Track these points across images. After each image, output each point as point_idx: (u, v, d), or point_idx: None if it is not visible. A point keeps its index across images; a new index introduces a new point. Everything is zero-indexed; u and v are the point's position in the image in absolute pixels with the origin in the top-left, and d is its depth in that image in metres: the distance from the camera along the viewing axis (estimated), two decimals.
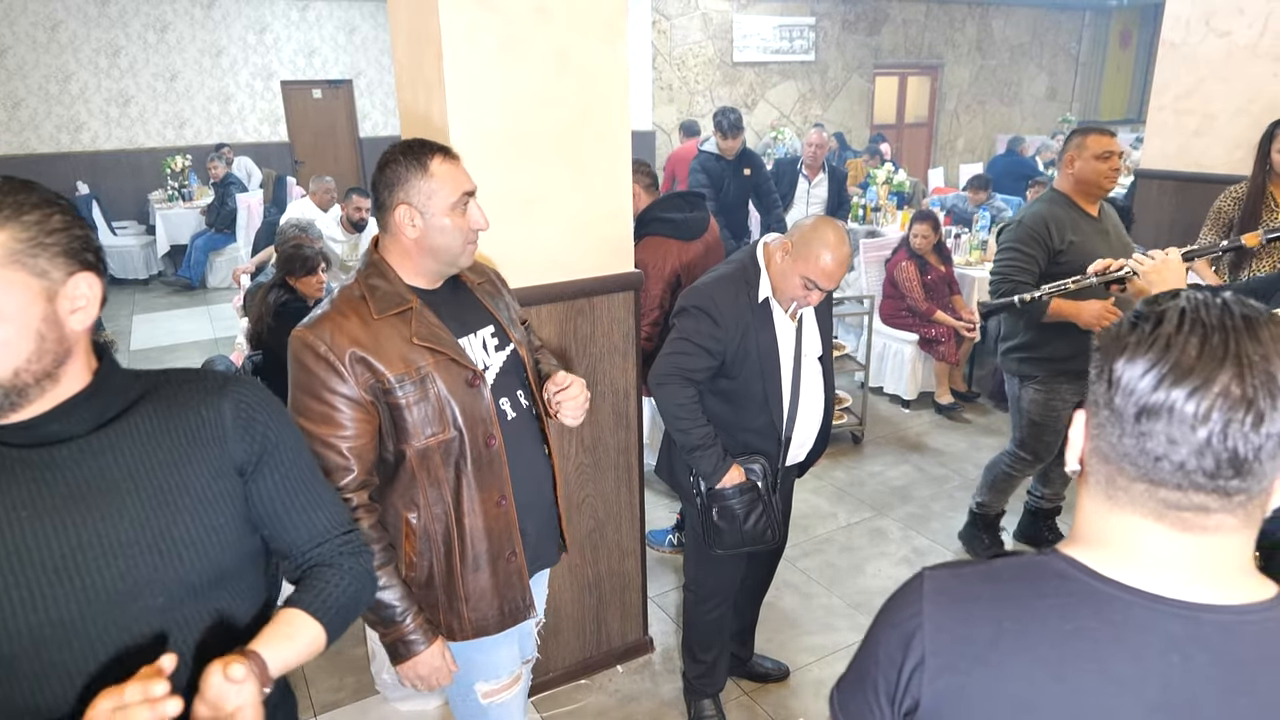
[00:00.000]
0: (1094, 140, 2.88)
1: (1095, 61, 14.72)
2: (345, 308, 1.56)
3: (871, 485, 4.19)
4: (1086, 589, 0.77)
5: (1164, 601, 0.75)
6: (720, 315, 2.19)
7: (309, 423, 1.52)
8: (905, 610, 0.84)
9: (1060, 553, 0.81)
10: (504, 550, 1.71)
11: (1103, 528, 0.79)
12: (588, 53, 2.31)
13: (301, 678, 2.88)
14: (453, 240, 1.59)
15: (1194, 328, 0.72)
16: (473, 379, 1.63)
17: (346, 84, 10.68)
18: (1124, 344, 0.74)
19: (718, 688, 2.65)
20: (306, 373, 1.52)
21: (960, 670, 0.78)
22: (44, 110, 8.98)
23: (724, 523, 2.32)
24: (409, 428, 1.57)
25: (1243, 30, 4.03)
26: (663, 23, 10.75)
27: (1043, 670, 0.76)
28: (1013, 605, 0.79)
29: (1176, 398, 0.70)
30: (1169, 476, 0.72)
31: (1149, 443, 0.72)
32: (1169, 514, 0.74)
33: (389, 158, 1.58)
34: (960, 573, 0.84)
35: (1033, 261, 2.88)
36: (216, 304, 7.85)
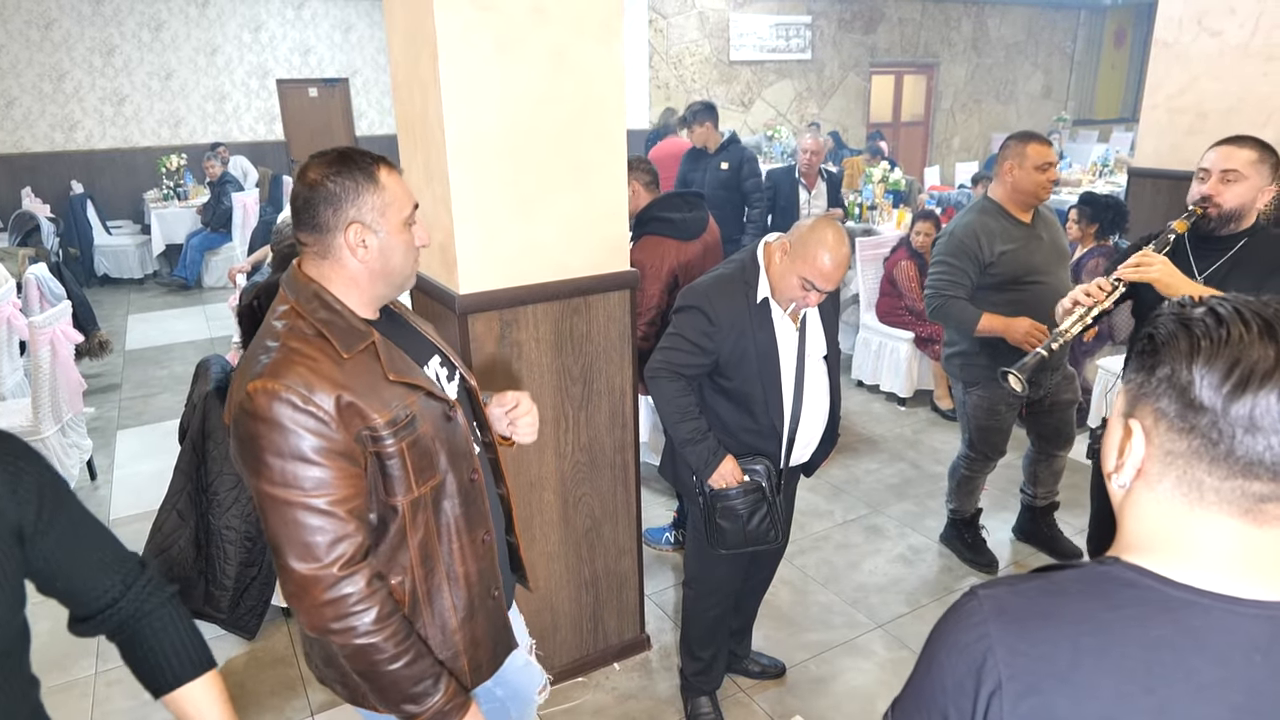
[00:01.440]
0: (1034, 150, 2.87)
1: (1090, 60, 14.75)
2: (307, 349, 1.31)
3: (868, 483, 4.20)
4: (1161, 597, 0.77)
5: (1241, 603, 0.75)
6: (715, 314, 2.19)
7: (292, 490, 1.27)
8: (969, 633, 0.81)
9: (1123, 561, 0.81)
10: (490, 589, 1.59)
11: (1173, 529, 0.79)
12: (584, 52, 2.31)
13: (299, 677, 2.89)
14: (405, 260, 1.40)
15: (1264, 327, 0.74)
16: (450, 411, 1.47)
17: (342, 83, 10.66)
18: (1193, 349, 0.76)
19: (715, 685, 2.66)
20: (282, 432, 1.26)
21: (1044, 691, 0.76)
22: (38, 109, 8.95)
23: (727, 522, 2.33)
24: (398, 478, 1.38)
25: (1234, 30, 4.05)
26: (659, 21, 10.75)
27: (1130, 684, 0.75)
28: (1087, 620, 0.77)
29: (1269, 398, 0.73)
30: (1264, 470, 0.74)
31: (1247, 442, 0.74)
32: (1255, 508, 0.75)
33: (324, 171, 1.34)
34: (1019, 589, 0.82)
35: (964, 274, 2.91)
36: (212, 303, 7.83)
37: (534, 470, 2.54)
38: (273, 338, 1.34)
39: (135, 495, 4.15)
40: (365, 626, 1.32)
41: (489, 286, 2.33)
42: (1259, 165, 2.26)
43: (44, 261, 5.81)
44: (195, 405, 3.06)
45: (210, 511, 2.89)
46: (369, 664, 1.35)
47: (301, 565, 1.29)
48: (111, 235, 8.76)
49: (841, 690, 2.79)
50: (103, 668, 2.92)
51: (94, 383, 5.58)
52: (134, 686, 2.81)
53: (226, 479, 2.88)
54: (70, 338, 4.05)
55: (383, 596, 1.34)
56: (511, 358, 2.42)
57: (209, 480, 2.89)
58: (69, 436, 4.11)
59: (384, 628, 1.33)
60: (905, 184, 7.45)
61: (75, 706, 2.76)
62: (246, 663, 2.96)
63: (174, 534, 2.95)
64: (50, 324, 3.87)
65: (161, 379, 5.85)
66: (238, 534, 2.88)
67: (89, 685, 2.84)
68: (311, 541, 1.29)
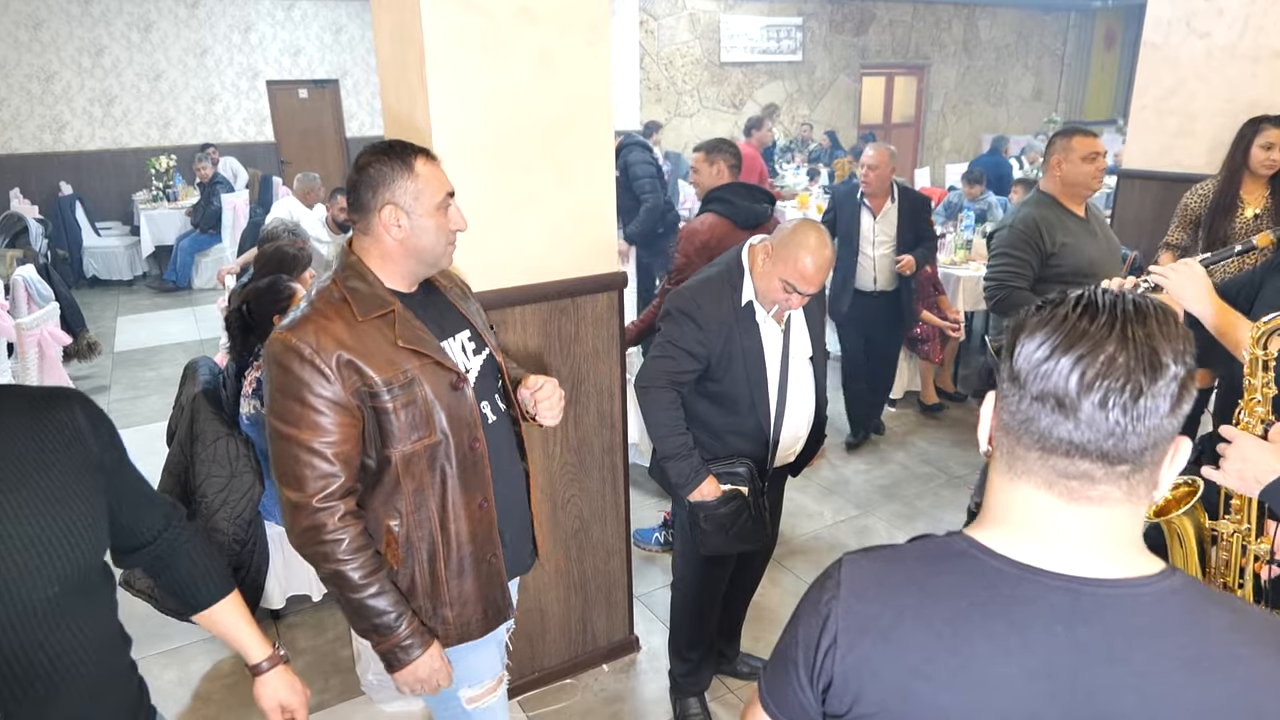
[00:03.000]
0: (1079, 142, 2.89)
1: (1080, 62, 14.82)
2: (327, 310, 1.52)
3: (857, 483, 4.21)
4: (981, 566, 0.82)
5: (1050, 575, 0.79)
6: (703, 319, 2.19)
7: (291, 428, 1.48)
8: (823, 594, 0.89)
9: (963, 534, 0.86)
10: (486, 553, 1.70)
11: (1005, 503, 0.84)
12: (571, 54, 2.31)
13: None
14: (436, 241, 1.58)
15: (1087, 309, 0.77)
16: (457, 381, 1.61)
17: (333, 84, 10.63)
18: (1027, 324, 0.80)
19: (703, 686, 2.66)
20: (290, 376, 1.48)
21: (865, 648, 0.84)
22: (26, 110, 8.91)
23: (710, 526, 2.33)
24: (395, 432, 1.54)
25: (1222, 31, 4.07)
26: (650, 22, 10.76)
27: (938, 644, 0.80)
28: (914, 585, 0.84)
29: (1064, 365, 0.75)
30: (1058, 444, 0.77)
31: (1041, 410, 0.77)
32: (1059, 483, 0.79)
33: (370, 159, 1.56)
34: (873, 555, 0.90)
35: (1027, 265, 2.88)
36: (201, 305, 7.80)
37: None
38: (306, 301, 1.56)
39: None
40: (335, 555, 1.50)
41: (477, 288, 2.30)
42: None
43: (32, 263, 5.78)
44: (184, 407, 3.05)
45: (198, 514, 2.87)
46: (338, 589, 1.54)
47: (290, 492, 1.50)
48: (100, 237, 8.72)
49: None
50: None
51: (82, 384, 5.55)
52: None
53: (215, 481, 2.86)
54: (58, 339, 4.03)
55: (354, 533, 1.52)
56: None
57: (197, 482, 2.87)
58: None
59: (351, 559, 1.51)
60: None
61: None
62: (235, 665, 2.95)
63: None
64: (38, 326, 3.85)
65: (150, 381, 5.83)
66: (226, 536, 2.87)
67: None
68: (300, 474, 1.49)
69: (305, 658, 2.98)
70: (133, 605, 2.98)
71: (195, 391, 3.01)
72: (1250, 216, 3.36)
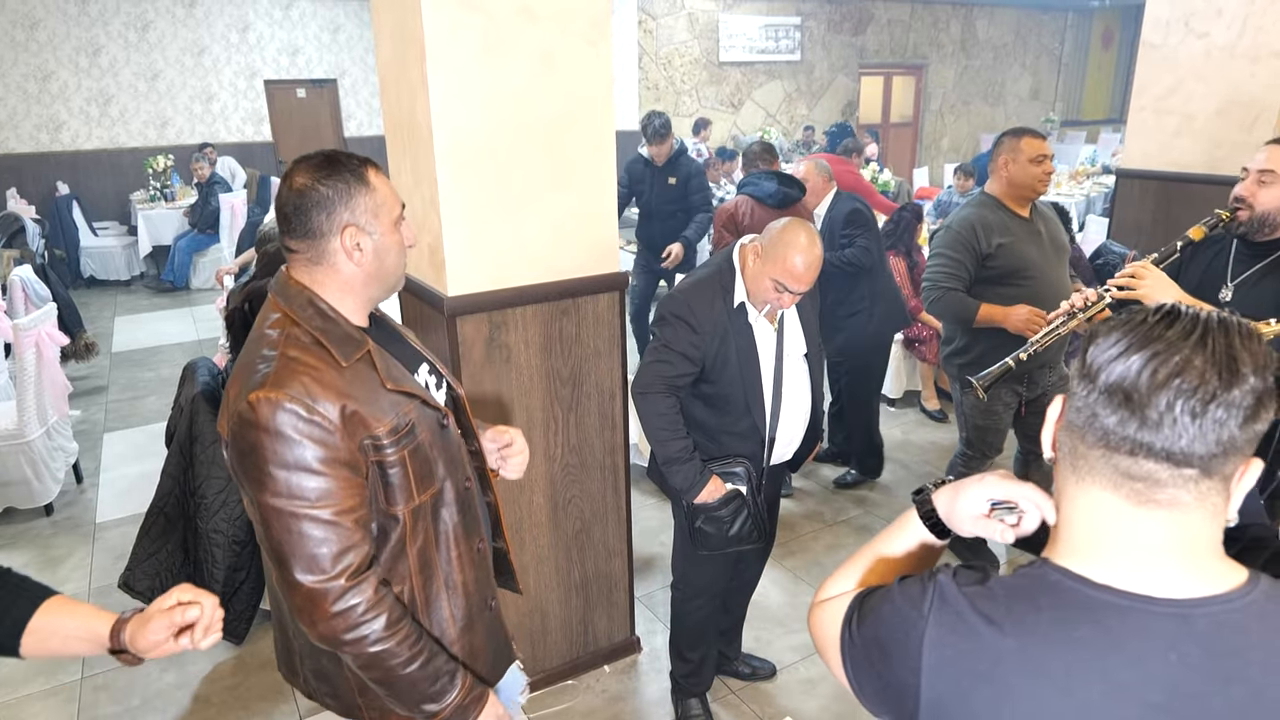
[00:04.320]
0: (1028, 143, 2.87)
1: (1078, 62, 14.84)
2: (307, 358, 1.29)
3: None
4: (1081, 598, 0.78)
5: (1155, 602, 0.76)
6: (697, 322, 2.19)
7: (297, 502, 1.25)
8: (915, 608, 0.85)
9: (1051, 563, 0.82)
10: (487, 598, 1.59)
11: (1074, 514, 0.81)
12: (572, 53, 2.31)
13: None
14: (398, 261, 1.40)
15: (1170, 315, 0.76)
16: (444, 419, 1.46)
17: (331, 83, 10.62)
18: (1103, 327, 0.78)
19: (705, 686, 2.66)
20: (287, 443, 1.23)
21: (962, 687, 0.80)
22: (23, 109, 8.89)
23: (710, 528, 2.33)
24: (399, 487, 1.37)
25: (1221, 31, 4.07)
26: (649, 22, 10.75)
27: (1049, 686, 0.76)
28: (1011, 623, 0.80)
29: (1136, 362, 0.74)
30: (1122, 441, 0.75)
31: (1108, 405, 0.75)
32: (1125, 484, 0.77)
33: (313, 176, 1.32)
34: (964, 588, 0.85)
35: (961, 267, 2.90)
36: (200, 305, 7.79)
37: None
38: (269, 346, 1.31)
39: (122, 499, 4.11)
40: (377, 634, 1.30)
41: (478, 288, 2.32)
42: None
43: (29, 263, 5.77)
44: (183, 408, 3.04)
45: (198, 515, 2.87)
46: (385, 670, 1.33)
47: (308, 578, 1.26)
48: (98, 237, 8.70)
49: (831, 692, 2.79)
50: (88, 673, 2.90)
51: (80, 385, 5.54)
52: (120, 691, 2.80)
53: (214, 482, 2.86)
54: (56, 340, 4.02)
55: (391, 602, 1.33)
56: (500, 360, 2.41)
57: (196, 484, 2.87)
58: (55, 440, 4.08)
59: (395, 632, 1.32)
60: (895, 185, 7.47)
61: (61, 711, 2.73)
62: (235, 667, 2.94)
63: (161, 538, 2.93)
64: (35, 326, 3.84)
65: (148, 381, 5.81)
66: (225, 538, 2.86)
67: (74, 690, 2.82)
68: (317, 553, 1.26)
69: None
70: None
71: (194, 392, 3.01)
72: None
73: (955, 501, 0.98)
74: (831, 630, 0.95)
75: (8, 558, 3.62)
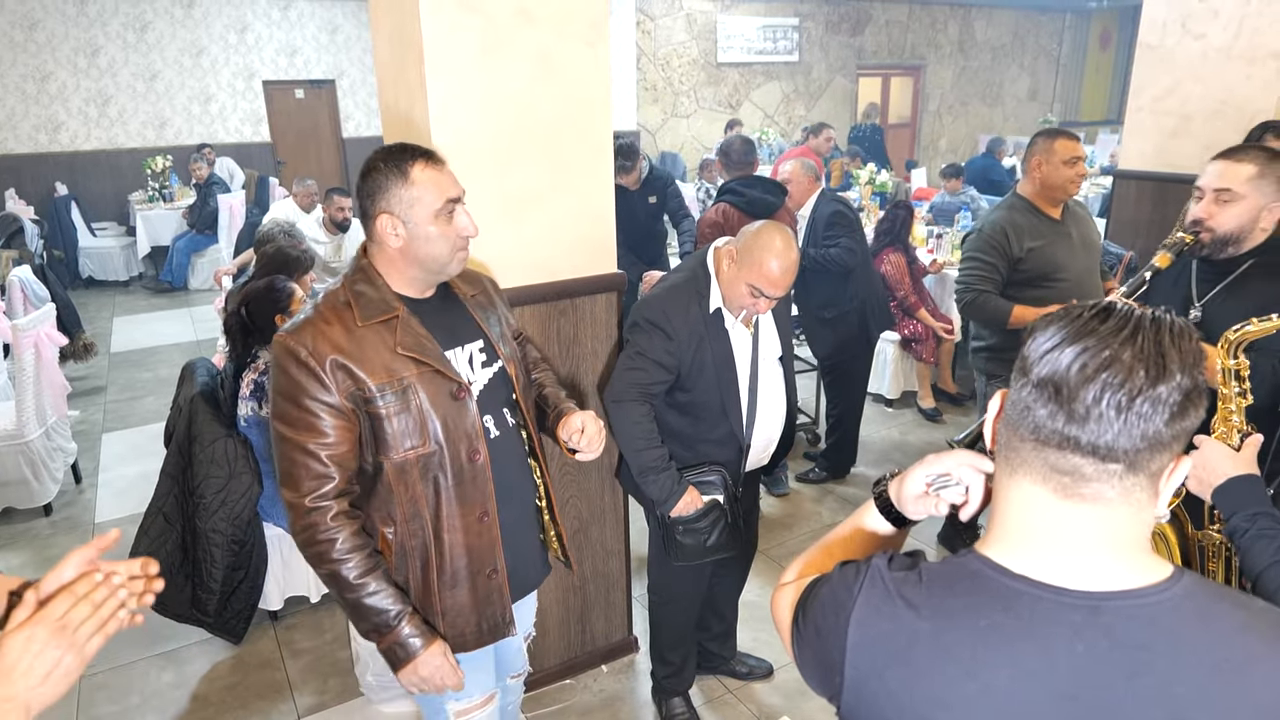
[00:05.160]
0: (1062, 145, 2.89)
1: (1076, 63, 14.86)
2: (329, 314, 1.52)
3: (853, 483, 4.21)
4: (997, 586, 0.81)
5: (1067, 593, 0.78)
6: (673, 329, 2.15)
7: (289, 429, 1.49)
8: (845, 592, 0.88)
9: (976, 553, 0.85)
10: (484, 567, 1.68)
11: (1005, 507, 0.83)
12: (570, 55, 2.31)
13: (286, 681, 2.88)
14: (439, 249, 1.54)
15: (1104, 311, 0.77)
16: (458, 391, 1.58)
17: (329, 84, 10.62)
18: (1044, 322, 0.80)
19: (686, 686, 2.66)
20: (288, 379, 1.49)
21: (880, 669, 0.83)
22: (21, 110, 8.88)
23: (688, 539, 2.28)
24: (388, 439, 1.53)
25: (1217, 32, 4.08)
26: (647, 23, 10.76)
27: (956, 668, 0.79)
28: (928, 607, 0.82)
29: (1068, 355, 0.75)
30: (1051, 435, 0.76)
31: (1039, 398, 0.77)
32: (1053, 477, 0.78)
33: (370, 165, 1.53)
34: (893, 574, 0.87)
35: (994, 270, 2.91)
36: (198, 306, 7.79)
37: None
38: (311, 303, 1.57)
39: (121, 499, 4.12)
40: (329, 555, 1.50)
41: None
42: (1259, 182, 1.97)
43: (28, 264, 5.77)
44: (181, 408, 3.05)
45: (196, 515, 2.87)
46: (335, 588, 1.54)
47: (288, 493, 1.51)
48: (96, 237, 8.70)
49: None
50: (87, 672, 2.90)
51: (79, 386, 5.54)
52: (118, 690, 2.80)
53: (213, 482, 2.86)
54: (54, 340, 4.02)
55: (347, 533, 1.51)
56: None
57: (195, 484, 2.87)
58: (53, 440, 4.08)
59: (346, 559, 1.51)
60: (893, 186, 7.48)
61: (60, 710, 2.74)
62: (233, 666, 2.94)
63: (160, 538, 2.94)
64: (34, 327, 3.84)
65: (147, 382, 5.82)
66: (224, 537, 2.87)
67: (73, 689, 2.82)
68: (296, 475, 1.50)
69: (304, 659, 2.98)
70: None
71: (193, 393, 3.01)
72: None
73: (902, 487, 1.01)
74: (785, 614, 0.99)
75: (6, 558, 3.62)
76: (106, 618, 0.97)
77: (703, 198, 7.36)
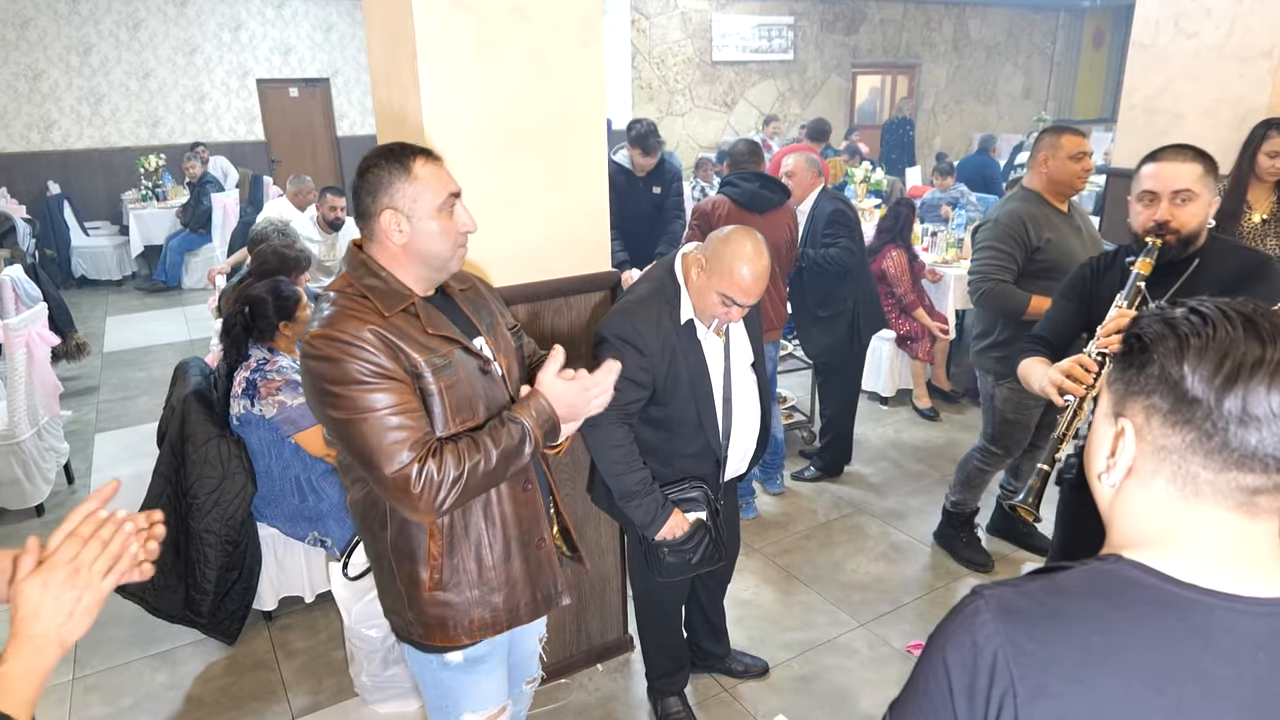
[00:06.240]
0: (1068, 140, 2.91)
1: (1069, 61, 14.88)
2: (354, 306, 1.50)
3: (850, 482, 4.22)
4: (1165, 594, 0.77)
5: (1242, 600, 0.76)
6: (644, 343, 2.06)
7: (355, 412, 1.43)
8: (978, 633, 0.80)
9: (1126, 559, 0.81)
10: (534, 536, 1.71)
11: (1169, 525, 0.80)
12: (564, 53, 2.31)
13: (280, 682, 2.87)
14: (442, 244, 1.55)
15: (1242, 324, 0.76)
16: (485, 366, 1.62)
17: (323, 83, 10.59)
18: (1182, 346, 0.77)
19: (681, 685, 2.66)
20: (338, 366, 1.44)
21: (1056, 692, 0.76)
22: (13, 109, 8.84)
23: (674, 559, 2.25)
24: (440, 414, 1.53)
25: (1210, 31, 4.09)
26: (642, 21, 10.75)
27: (1140, 684, 0.75)
28: (1096, 619, 0.77)
29: (1260, 390, 0.74)
30: (1257, 463, 0.75)
31: (1240, 434, 0.75)
32: (1248, 501, 0.77)
33: (370, 162, 1.53)
34: (1023, 589, 0.82)
35: (1011, 259, 2.91)
36: (191, 305, 7.76)
37: None
38: (326, 302, 1.54)
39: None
40: (457, 475, 1.47)
41: None
42: (1206, 179, 2.03)
43: (20, 263, 5.75)
44: (174, 408, 3.03)
45: (190, 515, 2.86)
46: (492, 475, 1.52)
47: (384, 470, 1.44)
48: (89, 236, 8.67)
49: (824, 689, 2.80)
50: (80, 674, 2.89)
51: (71, 385, 5.52)
52: (111, 692, 2.79)
53: (206, 482, 2.85)
54: (47, 340, 4.00)
55: (449, 449, 1.48)
56: None
57: (189, 484, 2.86)
58: (46, 440, 4.06)
59: (463, 459, 1.48)
60: (888, 184, 7.49)
61: (52, 714, 2.73)
62: (227, 667, 2.93)
63: None
64: (26, 326, 3.82)
65: (140, 382, 5.80)
66: (217, 537, 2.86)
67: (66, 691, 2.81)
68: (382, 444, 1.43)
69: (298, 659, 2.97)
70: (123, 607, 2.97)
71: (186, 392, 3.00)
72: (1258, 221, 3.28)
73: None
74: None
75: None
76: (117, 553, 0.99)
77: (698, 196, 7.37)
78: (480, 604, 1.66)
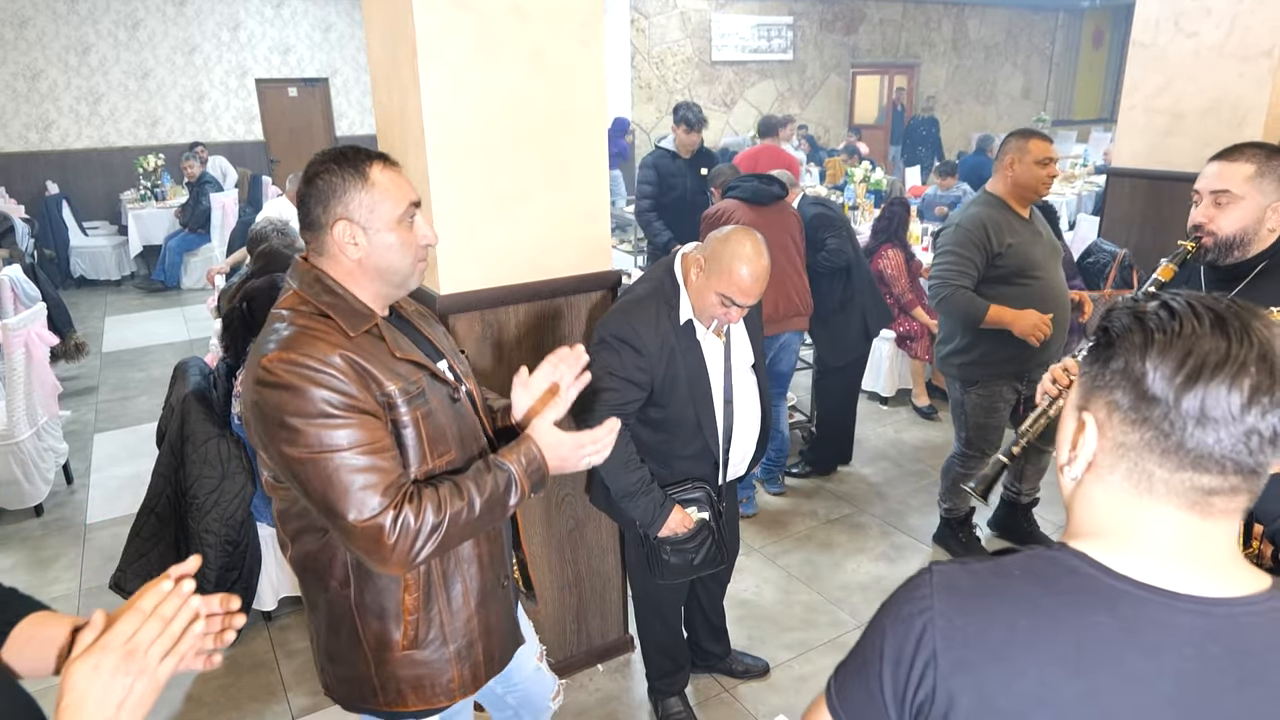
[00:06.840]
0: (1035, 145, 2.89)
1: (1069, 61, 14.89)
2: (315, 326, 1.33)
3: (850, 482, 4.22)
4: (1099, 585, 0.78)
5: (1176, 597, 0.76)
6: (642, 344, 2.04)
7: (319, 451, 1.26)
8: (914, 604, 0.83)
9: (1070, 549, 0.82)
10: (500, 576, 1.59)
11: (1122, 520, 0.80)
12: (563, 53, 2.31)
13: (279, 682, 2.86)
14: (402, 259, 1.40)
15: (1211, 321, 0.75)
16: (455, 391, 1.49)
17: (322, 82, 10.59)
18: (1147, 342, 0.76)
19: (681, 685, 2.65)
20: (299, 395, 1.27)
21: (975, 667, 0.78)
22: (12, 108, 8.83)
23: (676, 560, 2.25)
24: (414, 448, 1.38)
25: (1210, 31, 4.10)
26: (641, 21, 10.75)
27: (1059, 667, 0.76)
28: (1027, 602, 0.79)
29: (1220, 390, 0.73)
30: (1213, 464, 0.75)
31: (1198, 435, 0.74)
32: (1202, 500, 0.77)
33: (319, 167, 1.37)
34: (971, 568, 0.84)
35: (971, 265, 2.90)
36: (190, 305, 7.76)
37: None
38: (280, 321, 1.36)
39: (113, 499, 4.10)
40: (436, 522, 1.32)
41: (469, 287, 2.32)
42: (1259, 181, 1.87)
43: (18, 263, 5.74)
44: (174, 408, 3.03)
45: (189, 515, 2.86)
46: (471, 524, 1.37)
47: (359, 517, 1.28)
48: (88, 236, 8.66)
49: None
50: None
51: (70, 385, 5.51)
52: None
53: (206, 482, 2.85)
54: (45, 340, 4.00)
55: (429, 494, 1.33)
56: (492, 358, 2.41)
57: (188, 484, 2.86)
58: (45, 440, 4.06)
59: (444, 507, 1.33)
60: (887, 184, 7.49)
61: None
62: (227, 667, 2.93)
63: (153, 538, 2.92)
64: (24, 326, 3.82)
65: (139, 381, 5.79)
66: (217, 538, 2.85)
67: None
68: (354, 492, 1.27)
69: (298, 659, 2.97)
70: None
71: (185, 392, 3.00)
72: None
73: None
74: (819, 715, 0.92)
75: None
76: (178, 633, 0.87)
77: None
78: (458, 659, 1.52)
